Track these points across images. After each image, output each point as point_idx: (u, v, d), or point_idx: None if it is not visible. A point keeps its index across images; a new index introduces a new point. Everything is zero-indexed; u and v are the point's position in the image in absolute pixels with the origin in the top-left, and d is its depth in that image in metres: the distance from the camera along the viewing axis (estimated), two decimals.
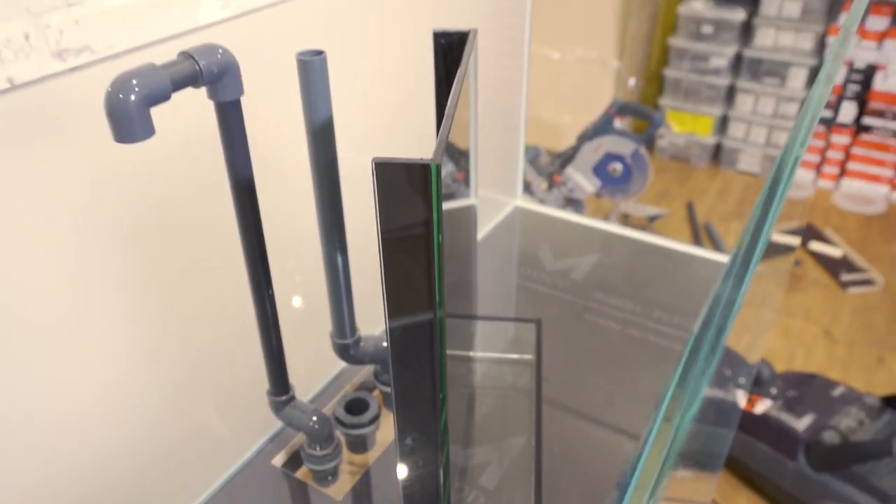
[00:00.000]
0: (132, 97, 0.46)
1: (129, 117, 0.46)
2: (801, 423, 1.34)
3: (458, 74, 0.57)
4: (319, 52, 0.59)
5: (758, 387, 1.42)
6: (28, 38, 0.67)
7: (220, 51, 0.52)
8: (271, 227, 0.64)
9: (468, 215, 0.75)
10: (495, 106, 1.08)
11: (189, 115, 0.60)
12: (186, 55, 0.50)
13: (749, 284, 0.36)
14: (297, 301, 0.78)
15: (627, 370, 0.81)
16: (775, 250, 1.17)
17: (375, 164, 0.41)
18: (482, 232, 1.07)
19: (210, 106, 0.55)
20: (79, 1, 0.69)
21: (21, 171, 0.53)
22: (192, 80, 0.50)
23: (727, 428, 1.05)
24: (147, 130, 0.47)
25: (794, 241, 1.80)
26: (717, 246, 2.22)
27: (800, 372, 1.51)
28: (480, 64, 0.98)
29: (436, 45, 0.64)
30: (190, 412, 0.72)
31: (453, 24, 0.67)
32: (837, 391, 1.41)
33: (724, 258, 1.01)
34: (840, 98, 2.48)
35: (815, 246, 2.27)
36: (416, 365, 0.50)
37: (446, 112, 0.49)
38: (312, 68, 0.59)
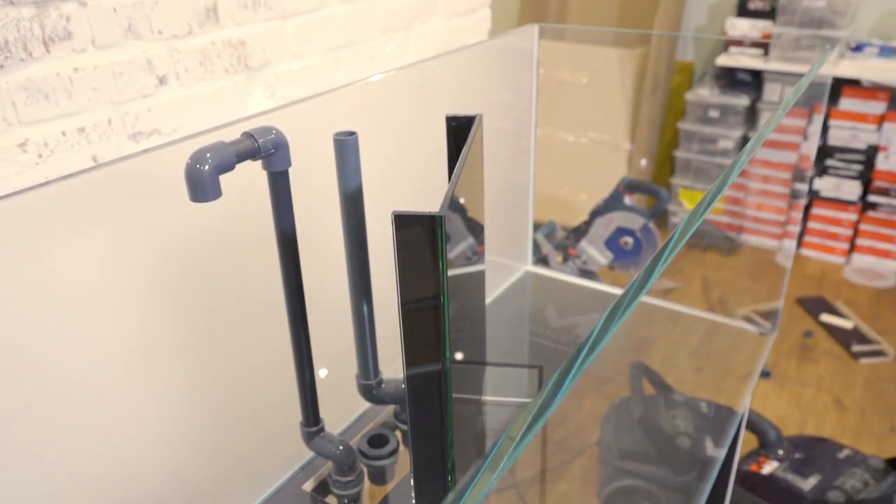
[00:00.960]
0: (206, 166, 0.59)
1: (202, 182, 0.59)
2: (807, 484, 1.38)
3: (463, 150, 0.69)
4: (352, 133, 0.72)
5: (765, 449, 1.47)
6: (110, 122, 0.82)
7: (274, 131, 0.65)
8: (308, 278, 0.76)
9: (478, 277, 0.86)
10: (506, 182, 1.21)
11: (244, 183, 0.73)
12: (248, 134, 0.63)
13: (625, 317, 0.45)
14: (327, 345, 0.88)
15: (625, 415, 0.90)
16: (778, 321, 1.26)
17: (395, 215, 0.53)
18: (496, 292, 1.17)
19: (260, 176, 0.67)
20: (152, 93, 0.85)
21: (101, 234, 0.65)
22: (252, 154, 0.63)
23: (703, 481, 1.11)
24: (216, 192, 0.60)
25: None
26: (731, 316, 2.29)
27: (808, 435, 1.56)
28: (493, 144, 1.12)
29: (448, 127, 0.77)
30: (228, 441, 0.81)
31: (469, 109, 0.79)
32: (843, 454, 1.46)
33: (735, 322, 1.10)
34: (815, 172, 2.58)
35: (827, 318, 2.32)
36: (427, 405, 0.60)
37: (452, 177, 0.61)
38: (346, 146, 0.72)
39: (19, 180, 0.77)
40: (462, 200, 0.69)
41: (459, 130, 0.78)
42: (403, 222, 0.53)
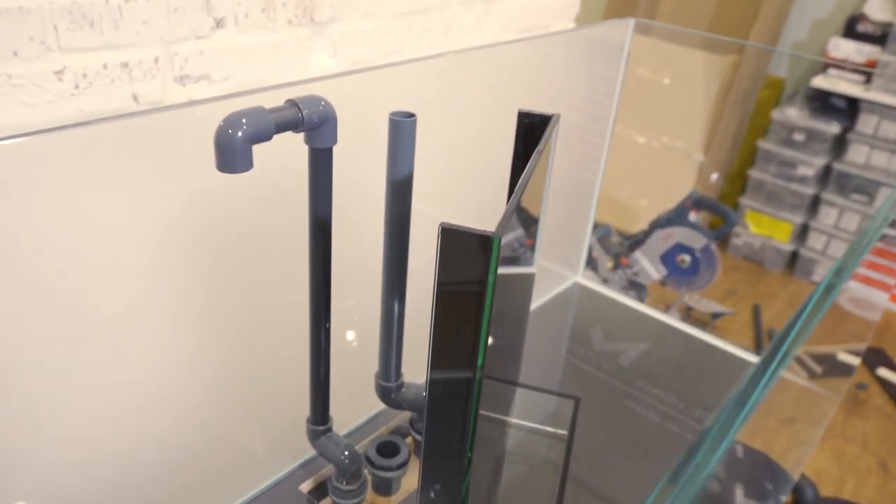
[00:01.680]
0: (240, 133, 0.51)
1: (233, 151, 0.51)
2: None
3: (534, 155, 0.61)
4: (411, 115, 0.64)
5: None
6: (157, 61, 0.75)
7: (323, 103, 0.57)
8: (339, 265, 0.69)
9: (526, 282, 0.78)
10: (570, 181, 1.12)
11: (283, 155, 0.65)
12: (292, 103, 0.55)
13: (767, 390, 0.37)
14: (350, 337, 0.81)
15: (659, 464, 0.81)
16: (836, 370, 1.15)
17: (442, 228, 0.45)
18: (538, 301, 1.09)
19: (302, 150, 0.60)
20: (206, 35, 0.77)
21: (131, 177, 0.59)
22: (294, 125, 0.55)
23: None
24: (247, 164, 0.52)
25: (854, 360, 1.73)
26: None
27: (845, 500, 1.45)
28: (562, 137, 1.02)
29: (519, 123, 0.68)
30: (232, 426, 0.76)
31: (544, 97, 0.70)
32: None
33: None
34: None
35: (883, 373, 2.17)
36: (449, 420, 0.52)
37: (516, 189, 0.53)
38: (403, 128, 0.64)
39: (51, 110, 0.71)
40: (521, 201, 0.61)
41: (532, 129, 0.69)
42: (451, 238, 0.45)
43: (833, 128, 2.43)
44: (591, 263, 2.00)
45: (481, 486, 0.77)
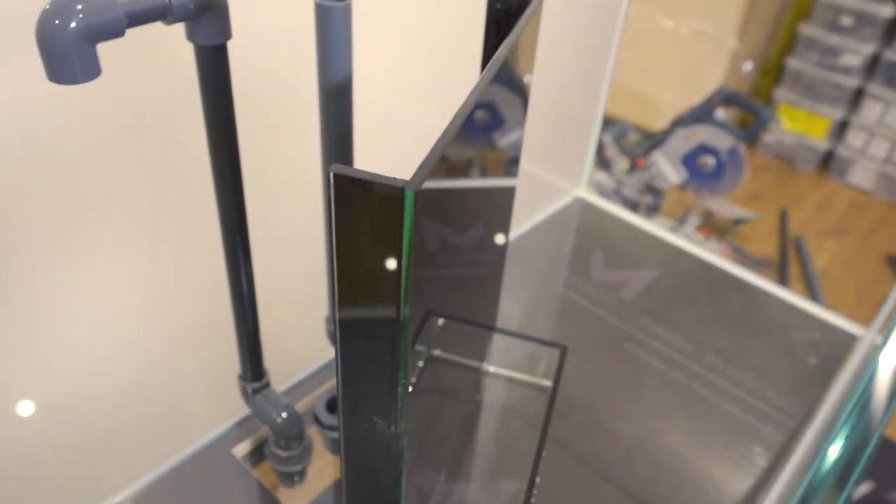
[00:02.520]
0: (73, 24, 0.36)
1: (66, 51, 0.37)
2: (857, 491, 1.19)
3: (503, 45, 0.45)
4: None
5: None
6: None
7: None
8: (268, 197, 0.55)
9: (502, 200, 0.63)
10: (575, 68, 0.94)
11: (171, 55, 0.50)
12: None
13: None
14: (293, 277, 0.69)
15: (658, 422, 0.69)
16: None
17: (334, 174, 0.30)
18: (529, 222, 0.95)
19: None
20: None
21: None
22: (159, 14, 0.40)
23: None
24: (89, 69, 0.38)
25: None
26: (804, 265, 2.01)
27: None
28: (566, 18, 0.83)
29: (489, 9, 0.51)
30: (166, 377, 0.65)
31: None
32: None
33: (807, 305, 0.86)
34: None
35: None
36: (370, 400, 0.40)
37: (466, 99, 0.37)
38: (333, 17, 0.48)
39: None
40: (495, 89, 0.46)
41: (506, 16, 0.52)
42: (347, 189, 0.30)
43: (886, 10, 2.16)
44: (605, 164, 1.83)
45: (444, 451, 0.66)
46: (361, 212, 0.31)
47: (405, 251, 0.32)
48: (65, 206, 0.51)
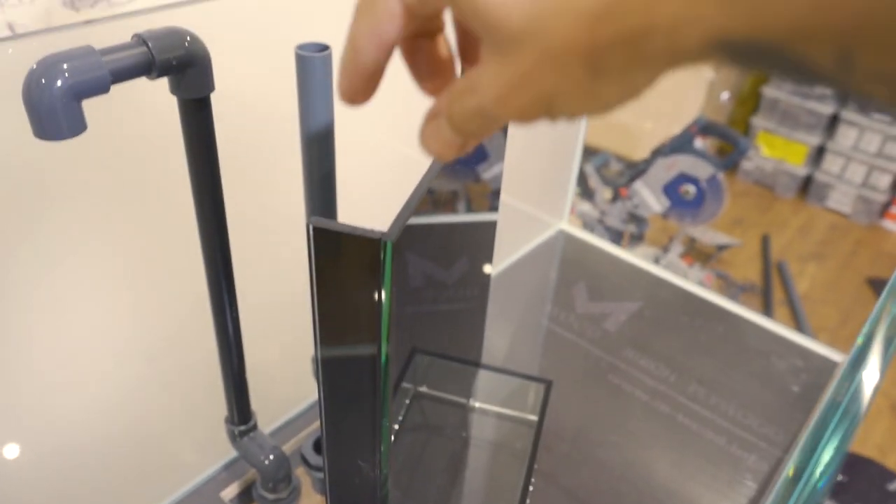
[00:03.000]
0: (59, 83, 0.37)
1: (52, 108, 0.38)
2: None
3: None
4: (324, 48, 0.49)
5: None
6: None
7: (188, 38, 0.43)
8: (254, 238, 0.56)
9: (483, 234, 0.64)
10: None
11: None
12: (140, 40, 0.41)
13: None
14: (280, 316, 0.69)
15: (643, 453, 0.70)
16: None
17: (313, 227, 0.31)
18: (513, 256, 0.96)
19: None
20: None
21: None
22: (143, 70, 0.41)
23: None
24: (75, 125, 0.39)
25: None
26: (787, 289, 2.04)
27: (854, 454, 1.35)
28: None
29: None
30: (153, 420, 0.65)
31: None
32: (894, 486, 1.25)
33: (789, 333, 0.87)
34: None
35: None
36: (355, 448, 0.41)
37: (425, 175, 0.39)
38: (313, 66, 0.50)
39: None
40: None
41: None
42: (326, 241, 0.31)
43: None
44: (588, 194, 1.85)
45: (431, 483, 0.66)
46: (341, 263, 0.32)
47: (385, 299, 0.33)
48: (47, 243, 0.51)
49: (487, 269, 0.66)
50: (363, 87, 0.24)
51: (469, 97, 0.21)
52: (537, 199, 1.00)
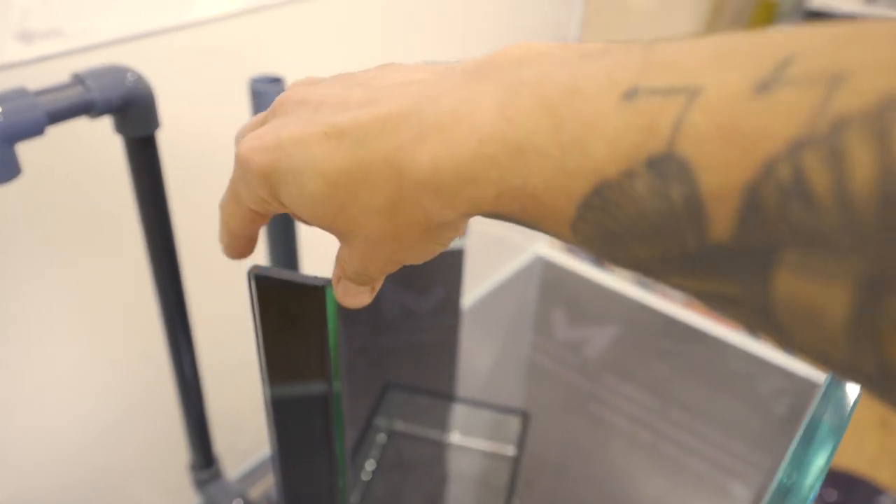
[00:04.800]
0: None
1: None
2: None
3: None
4: (276, 80, 0.48)
5: None
6: None
7: (130, 76, 0.41)
8: (211, 276, 0.54)
9: (453, 262, 0.63)
10: None
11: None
12: (78, 79, 0.39)
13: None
14: (243, 355, 0.67)
15: (627, 485, 0.68)
16: None
17: (255, 277, 0.29)
18: (489, 284, 0.94)
19: None
20: None
21: None
22: (82, 110, 0.39)
23: None
24: (9, 170, 0.37)
25: None
26: None
27: (844, 471, 1.34)
28: None
29: None
30: (116, 467, 0.62)
31: (487, 35, 0.54)
32: (885, 502, 1.24)
33: (771, 354, 0.85)
34: None
35: None
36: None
37: None
38: (268, 99, 0.48)
39: None
40: None
41: None
42: (268, 291, 0.30)
43: None
44: None
45: None
46: (284, 311, 0.30)
47: (331, 344, 0.31)
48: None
49: (454, 301, 0.64)
50: (244, 251, 0.30)
51: (345, 267, 0.26)
52: (512, 224, 0.99)
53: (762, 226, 0.14)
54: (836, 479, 1.29)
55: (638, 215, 0.17)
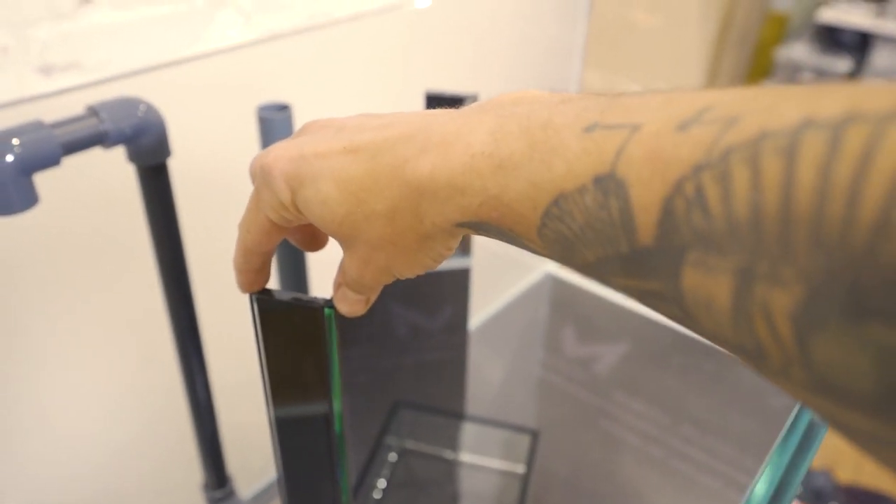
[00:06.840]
0: (9, 158, 0.37)
1: (2, 185, 0.37)
2: None
3: None
4: (283, 107, 0.49)
5: (816, 500, 1.24)
6: (7, 50, 0.59)
7: (142, 107, 0.43)
8: (223, 296, 0.55)
9: (455, 283, 0.64)
10: None
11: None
12: (92, 111, 0.41)
13: None
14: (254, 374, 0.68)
15: (637, 501, 0.68)
16: None
17: (256, 298, 0.31)
18: (499, 302, 0.95)
19: None
20: (69, 14, 0.62)
21: None
22: (97, 140, 0.41)
23: None
24: (26, 199, 0.39)
25: None
26: None
27: (867, 489, 1.32)
28: (522, 72, 0.86)
29: (428, 107, 0.53)
30: (130, 487, 0.63)
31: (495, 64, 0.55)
32: None
33: None
34: None
35: None
36: None
37: None
38: (274, 126, 0.50)
39: None
40: None
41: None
42: (269, 311, 0.31)
43: (843, 65, 2.23)
44: None
45: None
46: (286, 332, 0.31)
47: (332, 364, 0.32)
48: (13, 311, 0.51)
49: (466, 316, 0.65)
50: (258, 281, 0.32)
51: (346, 274, 0.29)
52: None
53: (675, 231, 0.18)
54: (860, 496, 1.28)
55: (586, 223, 0.20)
